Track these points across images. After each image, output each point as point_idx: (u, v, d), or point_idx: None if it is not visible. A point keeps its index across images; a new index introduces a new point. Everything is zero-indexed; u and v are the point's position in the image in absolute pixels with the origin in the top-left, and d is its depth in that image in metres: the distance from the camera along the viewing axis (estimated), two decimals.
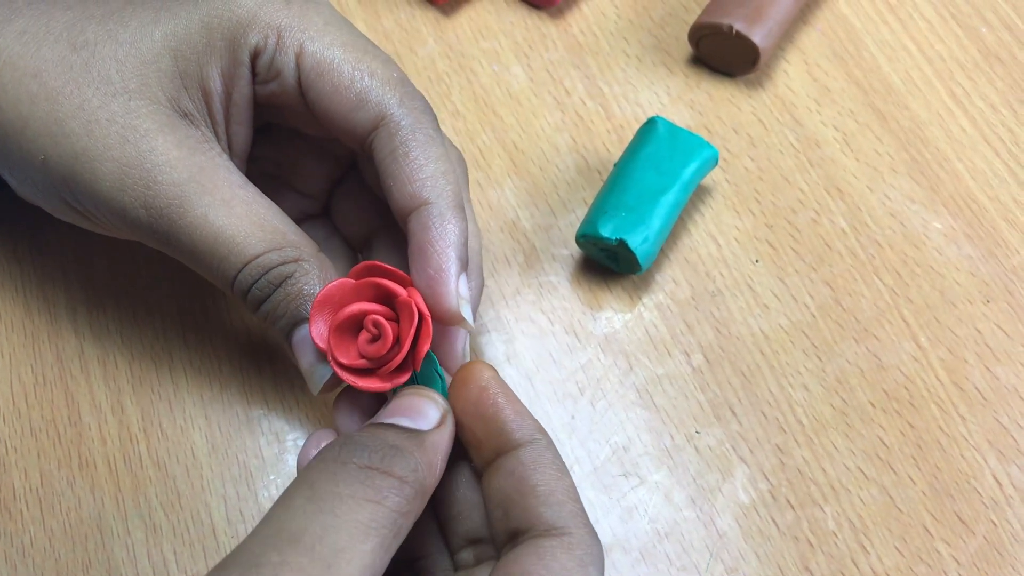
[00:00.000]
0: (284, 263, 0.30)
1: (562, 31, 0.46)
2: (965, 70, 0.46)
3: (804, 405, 0.38)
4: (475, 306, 0.33)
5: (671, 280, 0.40)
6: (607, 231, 0.38)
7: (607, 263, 0.40)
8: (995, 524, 0.35)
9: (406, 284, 0.30)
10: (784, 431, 0.37)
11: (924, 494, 0.36)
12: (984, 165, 0.43)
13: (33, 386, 0.37)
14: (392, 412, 0.28)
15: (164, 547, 0.35)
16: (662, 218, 0.38)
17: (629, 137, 0.43)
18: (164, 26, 0.31)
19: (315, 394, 0.31)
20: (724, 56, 0.44)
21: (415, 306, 0.29)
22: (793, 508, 0.36)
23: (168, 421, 0.37)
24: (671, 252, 0.41)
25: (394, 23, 0.46)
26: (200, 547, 0.35)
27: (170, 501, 0.36)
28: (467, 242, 0.30)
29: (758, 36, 0.43)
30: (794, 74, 0.46)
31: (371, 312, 0.29)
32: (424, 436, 0.27)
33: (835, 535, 0.35)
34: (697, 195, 0.42)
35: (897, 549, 0.35)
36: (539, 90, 0.45)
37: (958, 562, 0.35)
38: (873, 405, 0.38)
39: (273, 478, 0.36)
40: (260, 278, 0.30)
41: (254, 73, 0.31)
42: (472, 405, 0.29)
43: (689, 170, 0.39)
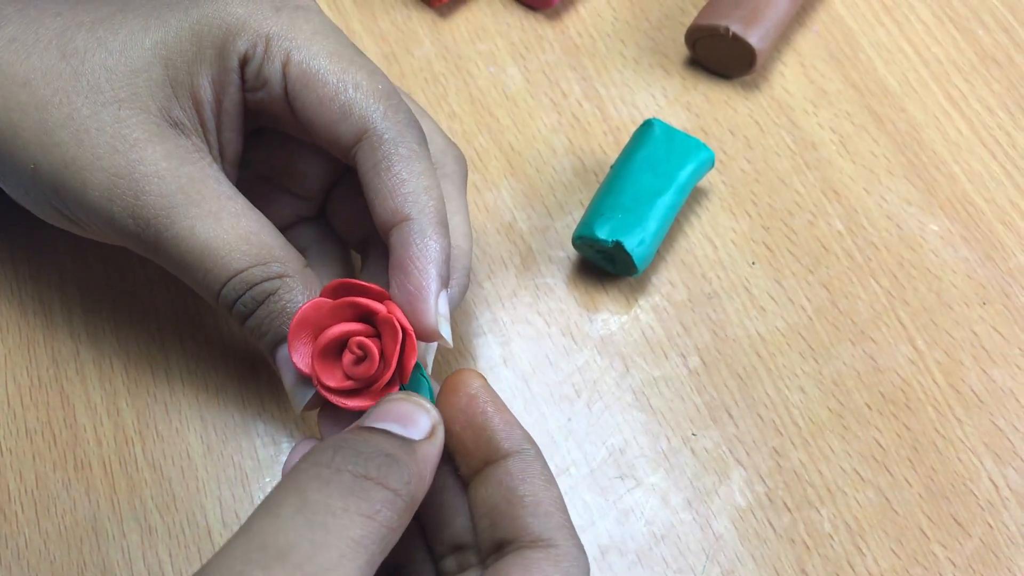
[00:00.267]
0: (268, 279, 0.30)
1: (559, 33, 0.46)
2: (962, 72, 0.46)
3: (801, 407, 0.38)
4: (456, 305, 0.33)
5: (667, 282, 0.40)
6: (603, 233, 0.38)
7: (603, 265, 0.40)
8: (991, 526, 0.35)
9: (383, 298, 0.30)
10: (780, 433, 0.37)
11: (920, 496, 0.36)
12: (981, 168, 0.43)
13: (28, 388, 0.37)
14: (382, 416, 0.27)
15: (159, 549, 0.35)
16: (658, 220, 0.38)
17: (625, 139, 0.43)
18: (154, 34, 0.30)
19: (297, 412, 0.31)
20: (721, 58, 0.44)
21: (397, 322, 0.29)
22: (789, 510, 0.36)
23: (164, 423, 0.37)
24: (667, 254, 0.41)
25: (390, 24, 0.46)
26: (195, 549, 0.35)
27: (166, 503, 0.36)
28: (448, 259, 0.30)
29: (754, 38, 0.43)
30: (790, 76, 0.46)
31: (353, 333, 0.29)
32: (416, 446, 0.26)
33: (831, 537, 0.35)
34: (693, 197, 0.42)
35: (893, 551, 0.35)
36: (536, 92, 0.45)
37: (954, 564, 0.35)
38: (869, 407, 0.38)
39: (269, 480, 0.36)
40: (244, 293, 0.30)
41: (243, 80, 0.31)
42: (461, 413, 0.29)
43: (685, 172, 0.39)
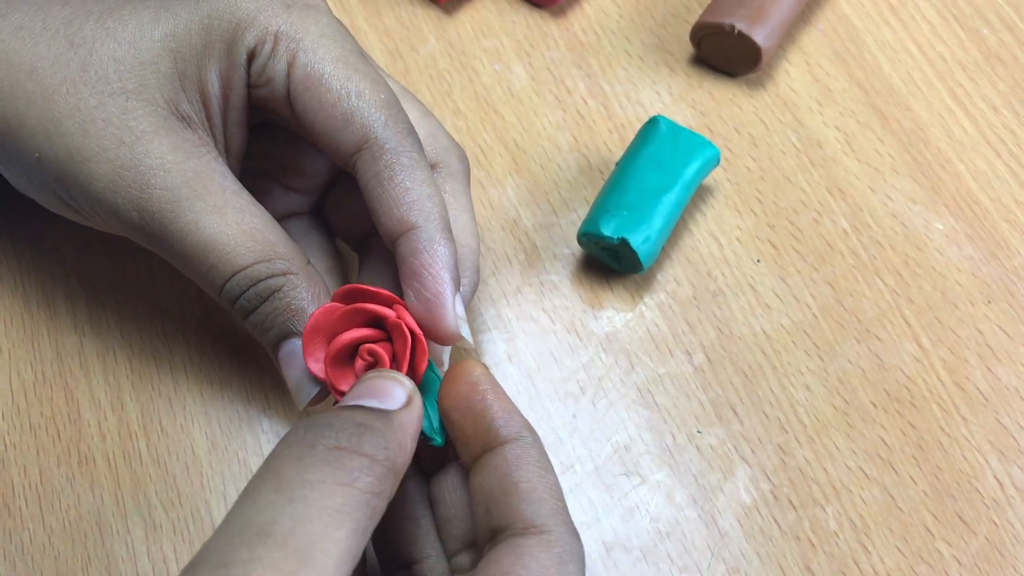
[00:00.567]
0: (273, 276, 0.30)
1: (564, 30, 0.46)
2: (967, 71, 0.46)
3: (806, 405, 0.38)
4: (468, 303, 0.33)
5: (672, 279, 0.40)
6: (609, 230, 0.38)
7: (608, 262, 0.40)
8: (996, 525, 0.35)
9: (392, 303, 0.30)
10: (786, 431, 0.37)
11: (925, 494, 0.36)
12: (986, 166, 0.43)
13: (32, 383, 0.37)
14: (357, 395, 0.27)
15: (164, 545, 0.35)
16: (664, 217, 0.38)
17: (630, 136, 0.43)
18: (164, 26, 0.30)
19: (300, 409, 0.31)
20: (726, 56, 0.44)
21: (405, 326, 0.29)
22: (795, 508, 0.36)
23: (168, 418, 0.37)
24: (672, 251, 0.41)
25: (395, 21, 0.46)
26: (200, 545, 0.35)
27: (170, 499, 0.35)
28: (456, 262, 0.31)
29: (760, 36, 0.43)
30: (796, 74, 0.46)
31: (364, 339, 0.30)
32: (392, 415, 0.26)
33: (836, 535, 0.35)
34: (699, 195, 0.42)
35: (898, 549, 0.35)
36: (540, 89, 0.45)
37: (959, 562, 0.35)
38: (875, 405, 0.38)
39: None
40: (248, 289, 0.30)
41: (248, 75, 0.31)
42: (461, 401, 0.29)
43: (691, 169, 0.39)
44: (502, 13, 0.47)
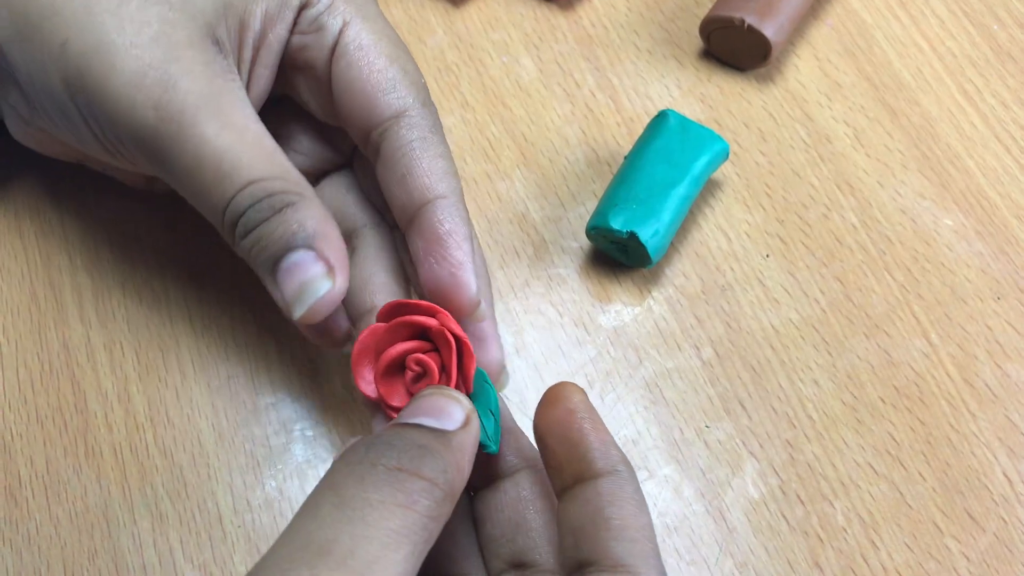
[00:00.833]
0: (287, 192, 0.29)
1: (572, 23, 0.46)
2: (977, 67, 0.46)
3: (814, 400, 0.37)
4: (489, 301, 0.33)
5: (681, 274, 0.40)
6: (618, 223, 0.37)
7: (617, 256, 0.40)
8: (1005, 521, 0.35)
9: (433, 313, 0.30)
10: (794, 426, 0.37)
11: (934, 490, 0.36)
12: (995, 162, 0.43)
13: (39, 373, 0.37)
14: (415, 412, 0.27)
15: (170, 536, 0.35)
16: (673, 211, 0.38)
17: (639, 130, 0.43)
18: None
19: (296, 317, 0.29)
20: (735, 50, 0.44)
21: (449, 333, 0.29)
22: (803, 503, 0.36)
23: (175, 409, 0.37)
24: (681, 246, 0.41)
25: (403, 12, 0.46)
26: (207, 536, 0.35)
27: (176, 490, 0.35)
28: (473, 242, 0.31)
29: (770, 30, 0.42)
30: (805, 69, 0.45)
31: (410, 351, 0.30)
32: (450, 436, 0.26)
33: (845, 531, 0.35)
34: (707, 189, 0.42)
35: (907, 545, 0.35)
36: (549, 82, 0.45)
37: (968, 559, 0.35)
38: (883, 401, 0.37)
39: (280, 468, 0.36)
40: (261, 200, 0.29)
41: (295, 23, 0.31)
42: (557, 427, 0.28)
43: (700, 163, 0.39)
44: (510, 6, 0.46)
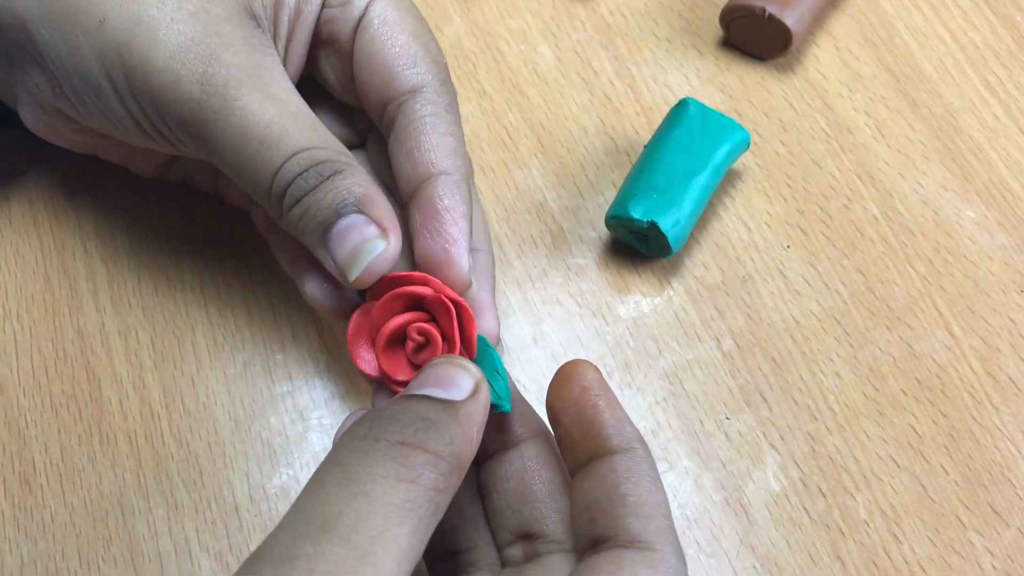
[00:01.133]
0: (334, 160, 0.29)
1: (590, 11, 0.46)
2: (999, 58, 0.45)
3: (836, 392, 0.37)
4: (492, 294, 0.33)
5: (701, 264, 0.40)
6: (638, 213, 0.37)
7: (636, 246, 0.39)
8: None
9: (425, 282, 0.29)
10: (815, 418, 0.37)
11: (957, 484, 0.35)
12: (1018, 154, 0.42)
13: (54, 360, 0.37)
14: (423, 383, 0.27)
15: (186, 524, 0.34)
16: (693, 201, 0.38)
17: (658, 119, 0.43)
18: None
19: (351, 279, 0.29)
20: (755, 39, 0.44)
21: (446, 298, 0.29)
22: (824, 496, 0.35)
23: (190, 397, 0.36)
24: (701, 236, 0.40)
25: (420, 0, 0.46)
26: (223, 525, 0.34)
27: (192, 478, 0.35)
28: (471, 223, 0.31)
29: (791, 19, 0.42)
30: (825, 59, 0.45)
31: (409, 322, 0.29)
32: (458, 407, 0.25)
33: (867, 524, 0.35)
34: (727, 179, 0.41)
35: (929, 539, 0.35)
36: (567, 70, 0.44)
37: (992, 553, 0.34)
38: (905, 394, 0.37)
39: (297, 456, 0.35)
40: (309, 169, 0.28)
41: None
42: (571, 404, 0.28)
43: (721, 153, 0.39)
44: None
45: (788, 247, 0.40)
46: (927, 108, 0.44)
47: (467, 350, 0.29)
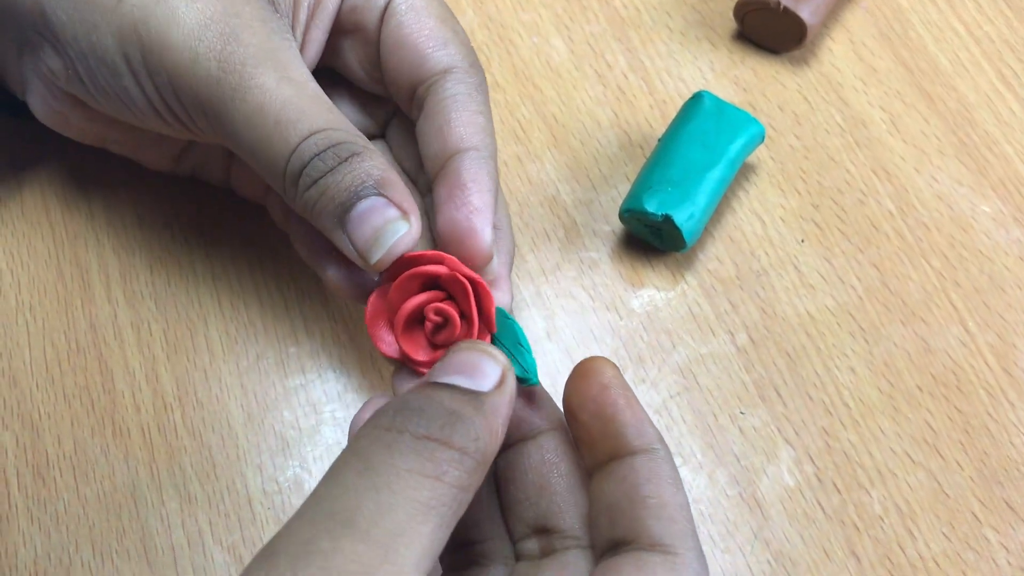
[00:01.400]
0: (353, 142, 0.29)
1: (603, 3, 0.45)
2: (1015, 52, 0.45)
3: (851, 388, 0.37)
4: (509, 270, 0.33)
5: (715, 258, 0.39)
6: (652, 206, 0.37)
7: (650, 239, 0.39)
8: None
9: (440, 260, 0.29)
10: (830, 414, 0.36)
11: (972, 480, 0.35)
12: None
13: (67, 352, 0.37)
14: (448, 369, 0.26)
15: (199, 517, 0.34)
16: (708, 194, 0.38)
17: (672, 112, 0.42)
18: None
19: (372, 262, 0.28)
20: (769, 32, 0.44)
21: (462, 276, 0.28)
22: (839, 491, 0.35)
23: (203, 390, 0.36)
24: (715, 230, 0.40)
25: None
26: (236, 518, 0.34)
27: (205, 471, 0.35)
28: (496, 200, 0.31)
29: (806, 12, 0.42)
30: (840, 53, 0.45)
31: (426, 302, 0.29)
32: (484, 398, 0.25)
33: (882, 519, 0.35)
34: (742, 173, 0.41)
35: (944, 535, 0.34)
36: (580, 63, 0.44)
37: (1007, 549, 0.34)
38: (920, 389, 0.37)
39: (310, 450, 0.35)
40: (327, 149, 0.28)
41: None
42: (590, 402, 0.27)
43: (736, 146, 0.38)
44: None
45: (802, 241, 0.40)
46: (942, 102, 0.43)
47: (486, 326, 0.29)
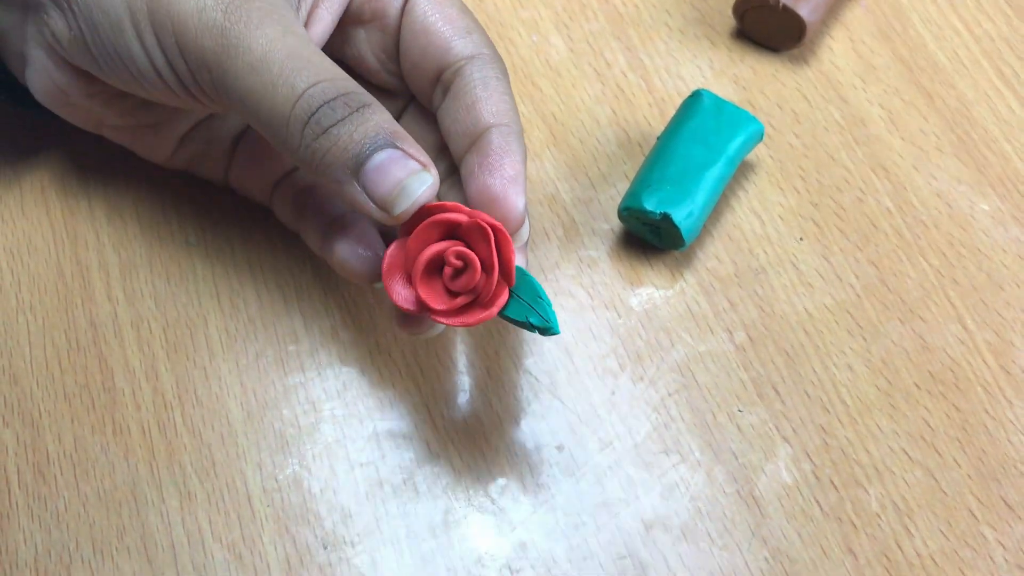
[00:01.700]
0: (362, 93, 0.29)
1: (603, 1, 0.45)
2: (1015, 51, 0.45)
3: (848, 385, 0.37)
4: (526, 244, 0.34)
5: (713, 256, 0.39)
6: (651, 204, 0.37)
7: (649, 238, 0.39)
8: None
9: (459, 210, 0.29)
10: (828, 411, 0.36)
11: (969, 477, 0.35)
12: None
13: (67, 350, 0.37)
14: None
15: (199, 515, 0.34)
16: (707, 193, 0.38)
17: (671, 111, 0.42)
18: None
19: (396, 213, 0.28)
20: (769, 30, 0.44)
21: (484, 223, 0.28)
22: (836, 489, 0.35)
23: (203, 388, 0.36)
24: (713, 228, 0.40)
25: None
26: (235, 515, 0.34)
27: (205, 469, 0.35)
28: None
29: (805, 10, 0.42)
30: (839, 51, 0.45)
31: (448, 248, 0.29)
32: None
33: (879, 517, 0.35)
34: (740, 171, 0.41)
35: (942, 532, 0.35)
36: (579, 61, 0.44)
37: (1004, 547, 0.34)
38: (918, 387, 0.37)
39: (309, 448, 0.35)
40: (336, 98, 0.28)
41: None
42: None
43: (735, 144, 0.38)
44: None
45: (801, 239, 0.40)
46: (941, 100, 0.43)
47: (505, 276, 0.29)
